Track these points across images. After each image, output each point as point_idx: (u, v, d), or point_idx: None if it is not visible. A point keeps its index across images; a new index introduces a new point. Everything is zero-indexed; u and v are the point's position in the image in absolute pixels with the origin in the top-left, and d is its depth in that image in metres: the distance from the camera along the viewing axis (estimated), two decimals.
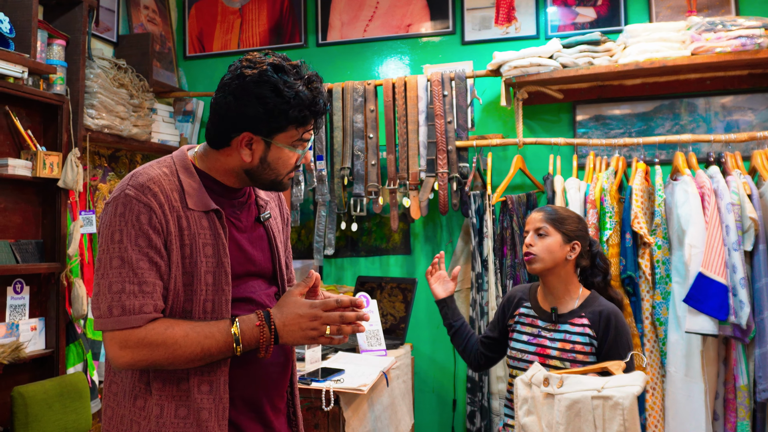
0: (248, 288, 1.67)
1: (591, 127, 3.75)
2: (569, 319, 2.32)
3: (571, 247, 2.35)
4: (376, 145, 3.77)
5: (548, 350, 2.31)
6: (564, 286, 2.37)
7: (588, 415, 2.06)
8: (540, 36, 3.87)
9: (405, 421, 3.24)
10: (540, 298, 2.42)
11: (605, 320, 2.28)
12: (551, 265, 2.34)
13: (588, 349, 2.27)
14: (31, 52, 3.07)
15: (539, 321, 2.37)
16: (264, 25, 4.30)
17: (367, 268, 4.04)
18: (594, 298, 2.35)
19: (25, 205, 3.22)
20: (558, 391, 2.13)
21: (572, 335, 2.29)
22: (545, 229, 2.35)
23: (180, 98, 4.24)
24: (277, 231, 1.81)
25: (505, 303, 2.51)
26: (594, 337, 2.27)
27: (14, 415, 2.89)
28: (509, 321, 2.46)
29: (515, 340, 2.41)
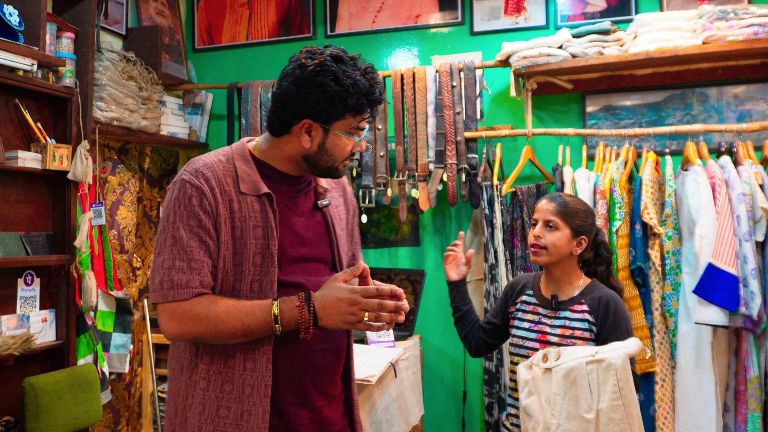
0: (301, 271, 1.73)
1: (601, 118, 3.73)
2: (569, 306, 2.33)
3: (578, 242, 2.34)
4: (385, 137, 3.76)
5: (548, 336, 2.32)
6: (566, 275, 2.37)
7: (583, 381, 2.07)
8: (549, 26, 3.85)
9: (414, 413, 3.25)
10: (542, 286, 2.43)
11: (604, 306, 2.28)
12: (556, 259, 2.34)
13: (587, 335, 2.28)
14: (40, 44, 3.09)
15: (540, 308, 2.38)
16: (273, 17, 4.29)
17: (376, 260, 4.04)
18: (594, 286, 2.36)
19: (35, 198, 3.24)
20: (555, 364, 2.15)
21: (572, 321, 2.30)
22: (555, 222, 2.34)
23: (189, 91, 4.25)
24: (338, 219, 1.86)
25: (509, 290, 2.52)
26: (593, 323, 2.28)
27: (25, 405, 2.92)
28: (511, 308, 2.47)
29: (517, 327, 2.42)
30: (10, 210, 3.12)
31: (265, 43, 4.31)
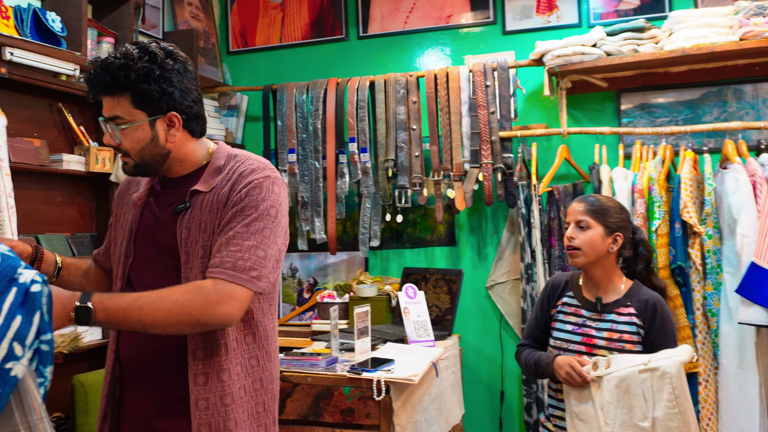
0: (146, 274, 1.79)
1: (636, 116, 3.71)
2: (615, 308, 2.32)
3: (613, 239, 2.33)
4: (420, 137, 3.78)
5: (595, 339, 2.30)
6: (607, 276, 2.36)
7: (637, 390, 2.08)
8: (582, 24, 3.84)
9: (455, 413, 3.26)
10: (583, 287, 2.41)
11: (651, 309, 2.28)
12: (594, 259, 2.33)
13: (636, 338, 2.27)
14: (81, 49, 3.14)
15: (583, 311, 2.37)
16: (305, 19, 4.33)
17: (412, 260, 4.06)
18: (638, 287, 2.34)
19: (79, 200, 3.31)
20: (606, 372, 2.15)
21: (619, 324, 2.29)
22: (586, 222, 2.33)
23: (224, 93, 4.30)
24: (198, 223, 1.73)
25: (550, 292, 2.49)
26: (641, 326, 2.27)
27: (75, 402, 2.98)
28: (552, 311, 2.46)
29: (558, 330, 2.41)
30: (56, 211, 3.18)
31: (298, 45, 4.34)
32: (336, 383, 2.67)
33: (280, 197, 1.73)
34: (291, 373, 2.74)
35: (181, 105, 1.71)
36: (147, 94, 1.66)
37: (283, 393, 2.70)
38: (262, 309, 1.78)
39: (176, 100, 1.70)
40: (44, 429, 1.21)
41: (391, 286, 3.79)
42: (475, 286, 3.90)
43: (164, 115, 1.70)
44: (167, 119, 1.71)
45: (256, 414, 1.76)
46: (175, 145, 1.74)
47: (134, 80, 1.64)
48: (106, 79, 1.64)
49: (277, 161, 3.96)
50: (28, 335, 1.20)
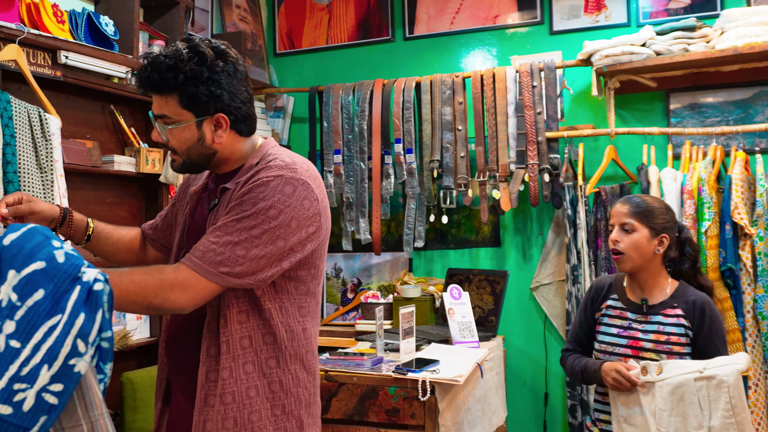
0: None
1: (685, 116, 3.65)
2: (661, 310, 2.27)
3: (659, 240, 2.28)
4: (465, 137, 3.78)
5: (641, 342, 2.26)
6: (653, 278, 2.31)
7: (692, 398, 2.03)
8: (631, 24, 3.79)
9: (498, 414, 3.25)
10: (628, 289, 2.37)
11: (700, 310, 2.23)
12: (640, 263, 2.28)
13: (684, 340, 2.22)
14: (133, 53, 3.20)
15: (629, 313, 2.32)
16: (352, 20, 4.35)
17: (456, 261, 4.05)
18: (684, 288, 2.30)
19: (129, 200, 3.38)
20: (658, 378, 2.12)
21: (666, 326, 2.25)
22: (631, 225, 2.29)
23: (271, 94, 4.35)
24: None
25: (594, 295, 2.45)
26: (689, 327, 2.23)
27: (124, 399, 3.05)
28: (596, 314, 2.42)
29: (603, 333, 2.36)
30: (106, 211, 3.25)
31: (344, 46, 4.37)
32: (381, 383, 2.68)
33: (291, 198, 1.65)
34: (336, 372, 2.76)
35: (230, 106, 1.70)
36: (195, 96, 1.66)
37: (328, 392, 2.73)
38: (284, 309, 1.74)
39: (224, 101, 1.69)
40: (105, 424, 1.24)
41: (435, 287, 3.79)
42: (519, 288, 3.88)
43: (211, 116, 1.70)
44: (214, 120, 1.71)
45: (272, 417, 1.71)
46: (222, 146, 1.75)
47: (182, 82, 1.64)
48: (155, 77, 1.65)
49: (323, 162, 3.99)
50: (91, 332, 1.23)
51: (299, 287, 1.77)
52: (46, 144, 2.60)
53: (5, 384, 1.18)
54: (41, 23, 2.76)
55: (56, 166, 2.65)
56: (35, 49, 2.71)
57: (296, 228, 1.67)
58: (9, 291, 1.21)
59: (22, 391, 1.18)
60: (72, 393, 1.21)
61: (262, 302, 1.71)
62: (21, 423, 1.18)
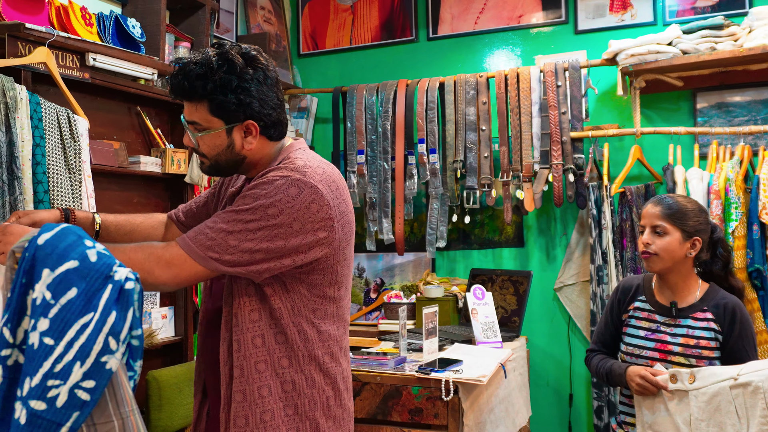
0: None
1: (712, 115, 3.61)
2: (691, 313, 2.23)
3: (691, 243, 2.23)
4: (489, 138, 3.77)
5: (670, 346, 2.22)
6: (683, 280, 2.27)
7: (729, 407, 1.98)
8: (657, 22, 3.76)
9: (522, 414, 3.24)
10: (656, 291, 2.32)
11: (731, 313, 2.18)
12: (670, 265, 2.24)
13: (713, 344, 2.18)
14: (159, 54, 3.24)
15: (657, 315, 2.28)
16: (375, 21, 4.37)
17: (479, 261, 4.05)
18: (714, 291, 2.25)
19: (155, 200, 3.41)
20: (692, 387, 2.07)
21: (695, 330, 2.20)
22: (663, 227, 2.23)
23: (295, 95, 4.37)
24: None
25: (621, 296, 2.41)
26: (719, 331, 2.18)
27: (149, 398, 3.08)
28: (623, 316, 2.38)
29: (630, 335, 2.32)
30: (132, 211, 3.27)
31: (367, 47, 4.38)
32: (405, 383, 2.69)
33: (295, 200, 1.64)
34: (360, 372, 2.77)
35: (259, 113, 1.70)
36: (224, 104, 1.66)
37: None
38: (296, 310, 1.73)
39: (254, 109, 1.69)
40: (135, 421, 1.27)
41: (458, 287, 3.79)
42: (543, 288, 3.87)
43: (241, 123, 1.70)
44: (244, 127, 1.71)
45: (285, 417, 1.70)
46: (251, 151, 1.75)
47: (211, 91, 1.65)
48: (185, 85, 1.66)
49: (346, 163, 4.00)
50: (122, 330, 1.26)
51: (313, 290, 1.75)
52: (74, 145, 2.63)
53: (39, 380, 1.21)
54: (70, 26, 2.80)
55: (84, 167, 2.68)
56: (64, 51, 2.75)
57: (299, 230, 1.65)
58: (43, 289, 1.23)
59: (55, 388, 1.21)
60: (104, 390, 1.23)
61: (272, 301, 1.70)
62: (54, 418, 1.20)
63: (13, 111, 2.40)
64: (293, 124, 4.33)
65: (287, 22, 4.54)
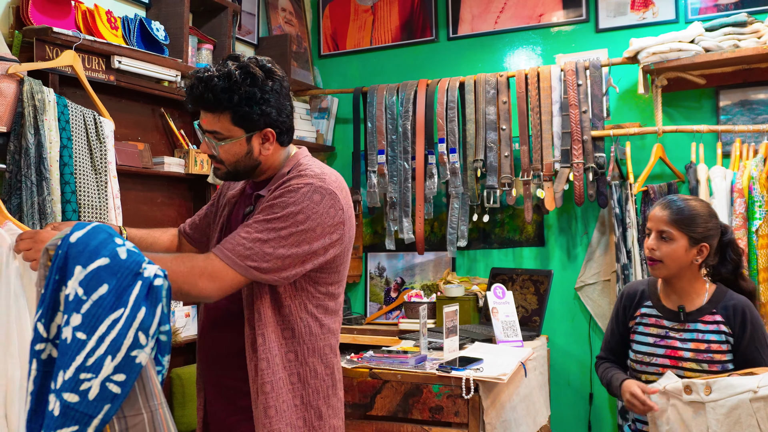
0: None
1: (736, 113, 3.59)
2: (699, 317, 2.17)
3: (698, 250, 2.16)
4: (509, 137, 3.77)
5: (680, 352, 2.16)
6: (690, 284, 2.21)
7: (750, 420, 1.91)
8: (679, 20, 3.74)
9: (542, 413, 3.25)
10: (662, 296, 2.26)
11: (740, 315, 2.12)
12: (675, 272, 2.18)
13: (725, 348, 2.13)
14: (183, 56, 3.28)
15: (665, 321, 2.22)
16: (395, 21, 4.38)
17: (500, 260, 4.05)
18: (722, 292, 2.19)
19: (178, 200, 3.46)
20: (708, 399, 2.01)
21: (705, 334, 2.15)
22: (669, 233, 2.16)
23: (315, 96, 4.40)
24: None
25: (626, 302, 2.34)
26: (730, 334, 2.13)
27: (173, 395, 3.13)
28: (630, 323, 2.31)
29: (638, 343, 2.26)
30: (156, 212, 3.34)
31: (388, 47, 4.40)
32: (425, 381, 2.70)
33: (318, 206, 1.77)
34: (380, 370, 2.79)
35: (276, 121, 1.82)
36: (248, 115, 1.77)
37: (372, 389, 2.76)
38: (304, 306, 1.86)
39: (273, 117, 1.81)
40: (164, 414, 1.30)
41: (479, 287, 3.80)
42: (564, 287, 3.86)
43: (260, 131, 1.82)
44: (263, 134, 1.82)
45: (293, 406, 1.83)
46: (266, 157, 1.87)
47: (237, 102, 1.75)
48: (210, 97, 1.75)
49: (367, 162, 4.02)
50: (151, 325, 1.29)
51: (319, 288, 1.88)
52: (100, 146, 2.68)
53: (72, 373, 1.24)
54: (96, 29, 2.85)
55: (110, 168, 2.73)
56: (90, 54, 2.80)
57: (320, 234, 1.78)
58: (76, 286, 1.27)
59: (87, 381, 1.25)
60: (134, 383, 1.27)
61: (283, 299, 1.82)
62: (87, 411, 1.24)
63: (42, 113, 2.45)
64: (314, 124, 4.36)
65: (308, 24, 4.58)
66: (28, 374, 1.30)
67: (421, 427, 2.70)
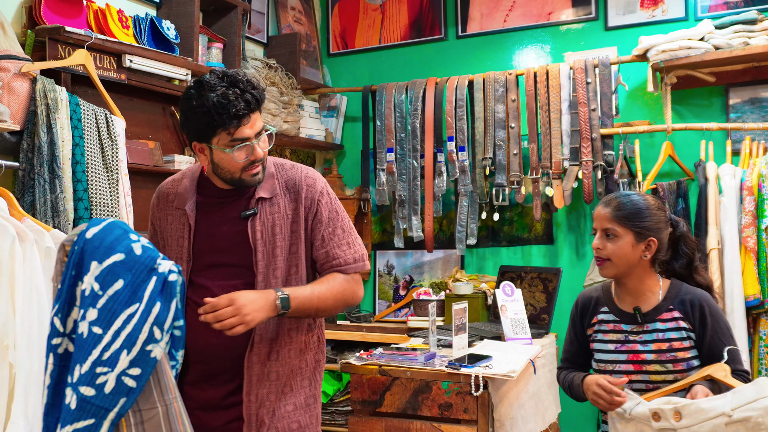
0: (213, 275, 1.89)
1: (745, 111, 3.58)
2: (657, 315, 2.06)
3: (645, 245, 2.04)
4: (518, 135, 3.78)
5: (643, 355, 2.05)
6: (642, 282, 2.10)
7: None
8: (689, 18, 3.74)
9: (551, 411, 3.25)
10: (617, 299, 2.15)
11: (698, 308, 2.02)
12: (625, 270, 2.07)
13: (687, 344, 2.03)
14: (193, 55, 3.30)
15: (623, 325, 2.10)
16: (404, 20, 4.39)
17: (508, 258, 4.05)
18: (677, 287, 2.09)
19: None
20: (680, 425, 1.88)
21: (666, 333, 2.04)
22: (613, 231, 2.05)
23: (324, 94, 4.41)
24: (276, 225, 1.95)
25: (581, 311, 2.23)
26: (690, 329, 2.03)
27: None
28: (588, 331, 2.21)
29: (600, 351, 2.15)
30: None
31: (397, 45, 4.41)
32: (435, 378, 2.71)
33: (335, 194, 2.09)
34: (390, 366, 2.79)
35: None
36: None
37: (382, 386, 2.77)
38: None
39: None
40: (178, 408, 1.32)
41: (487, 284, 3.80)
42: (572, 285, 3.86)
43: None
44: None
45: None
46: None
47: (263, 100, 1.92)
48: (261, 95, 1.88)
49: (376, 160, 4.04)
50: (166, 320, 1.31)
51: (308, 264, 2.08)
52: (111, 144, 2.70)
53: (89, 367, 1.26)
54: (107, 29, 2.87)
55: (121, 166, 2.75)
56: (102, 53, 2.82)
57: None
58: (92, 281, 1.29)
59: (103, 375, 1.27)
60: (149, 377, 1.29)
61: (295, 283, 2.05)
62: (103, 404, 1.26)
63: (54, 112, 2.47)
64: (323, 122, 4.38)
65: (317, 22, 4.59)
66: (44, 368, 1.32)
67: (431, 424, 2.70)
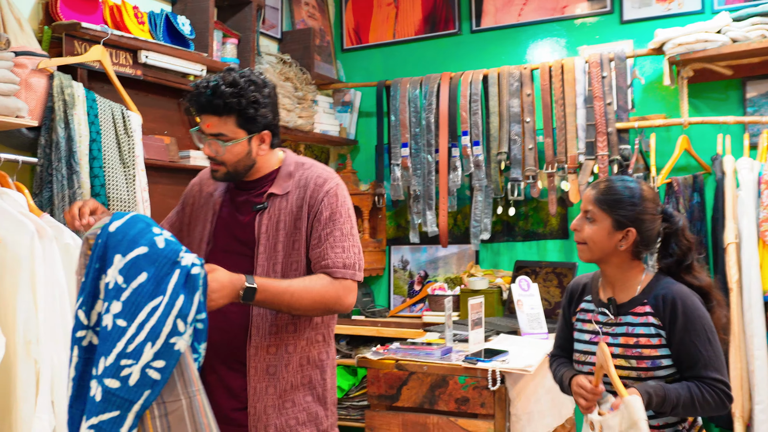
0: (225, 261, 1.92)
1: (763, 104, 3.55)
2: (630, 308, 1.97)
3: (623, 234, 1.93)
4: (533, 129, 3.76)
5: (611, 348, 1.92)
6: (622, 273, 2.00)
7: None
8: (705, 10, 3.70)
9: (567, 406, 3.24)
10: (600, 288, 2.07)
11: (670, 304, 1.90)
12: (599, 256, 1.98)
13: (655, 341, 1.91)
14: (208, 51, 3.30)
15: (600, 316, 2.03)
16: (419, 14, 4.38)
17: (523, 253, 4.04)
18: (656, 281, 1.97)
19: None
20: None
21: (635, 327, 1.94)
22: (593, 213, 1.96)
23: (339, 89, 4.41)
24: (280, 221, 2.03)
25: (569, 297, 2.17)
26: (659, 326, 1.91)
27: None
28: (572, 319, 2.15)
29: (578, 341, 2.08)
30: None
31: (411, 40, 4.40)
32: (451, 372, 2.71)
33: (347, 199, 2.07)
34: (406, 361, 2.79)
35: (272, 124, 2.02)
36: (252, 117, 1.95)
37: (398, 381, 2.78)
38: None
39: (269, 121, 2.01)
40: (201, 400, 1.32)
41: (503, 279, 3.80)
42: None
43: (259, 133, 1.99)
44: (260, 137, 2.00)
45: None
46: (261, 157, 2.05)
47: (245, 106, 1.93)
48: (219, 103, 1.91)
49: (390, 155, 4.03)
50: (189, 313, 1.32)
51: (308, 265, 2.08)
52: (128, 140, 2.71)
53: (113, 360, 1.27)
54: (123, 25, 2.88)
55: (137, 161, 2.76)
56: (118, 49, 2.83)
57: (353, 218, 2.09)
58: (115, 274, 1.30)
59: (128, 367, 1.28)
60: (173, 370, 1.30)
61: None
62: (127, 396, 1.27)
63: (71, 108, 2.48)
64: (337, 118, 4.37)
65: (331, 17, 4.59)
66: (69, 361, 1.33)
67: (448, 419, 2.70)
